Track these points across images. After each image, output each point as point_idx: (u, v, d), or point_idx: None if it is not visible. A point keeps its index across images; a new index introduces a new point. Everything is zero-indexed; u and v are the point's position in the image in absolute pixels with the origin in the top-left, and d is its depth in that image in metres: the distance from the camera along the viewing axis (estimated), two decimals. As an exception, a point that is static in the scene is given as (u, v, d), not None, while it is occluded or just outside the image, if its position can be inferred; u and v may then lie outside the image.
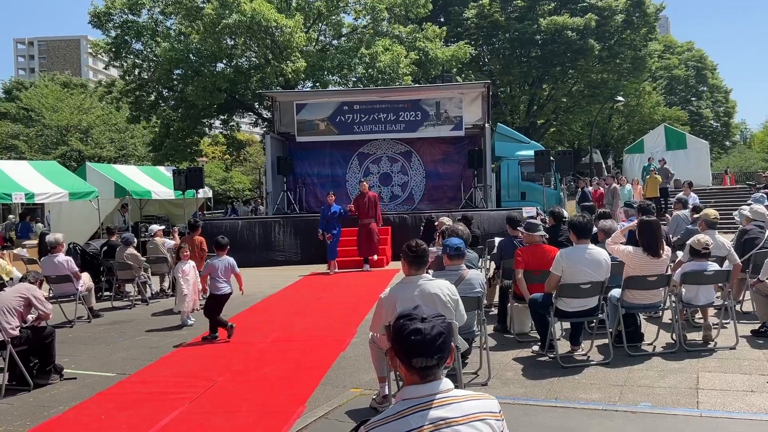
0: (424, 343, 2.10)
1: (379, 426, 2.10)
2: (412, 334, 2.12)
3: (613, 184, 19.72)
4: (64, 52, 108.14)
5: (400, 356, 2.16)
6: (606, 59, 37.20)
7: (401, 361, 2.16)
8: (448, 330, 2.17)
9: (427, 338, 2.10)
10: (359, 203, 14.75)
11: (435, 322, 2.15)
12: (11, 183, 15.34)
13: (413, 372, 2.14)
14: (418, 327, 2.13)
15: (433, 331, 2.12)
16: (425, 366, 2.12)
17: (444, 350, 2.14)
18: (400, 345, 2.14)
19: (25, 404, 6.01)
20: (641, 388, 5.55)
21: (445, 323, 2.18)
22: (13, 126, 43.49)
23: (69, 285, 9.94)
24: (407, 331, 2.13)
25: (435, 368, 2.14)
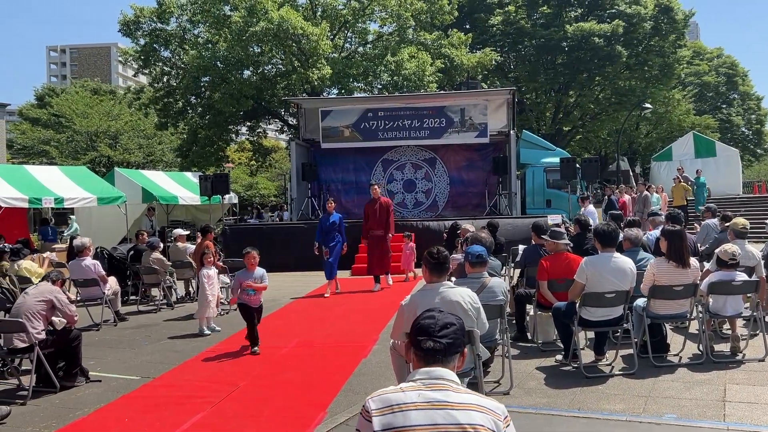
0: (434, 326, 2.33)
1: (379, 396, 2.27)
2: (425, 318, 2.38)
3: (644, 191, 19.46)
4: (95, 59, 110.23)
5: (413, 343, 2.36)
6: (634, 66, 36.85)
7: (413, 347, 2.36)
8: (460, 326, 2.37)
9: (438, 323, 2.34)
10: (369, 210, 12.75)
11: (449, 315, 2.40)
12: (41, 188, 15.63)
13: (420, 356, 2.33)
14: (432, 314, 2.40)
15: (444, 319, 2.37)
16: (432, 348, 2.30)
17: (452, 339, 2.32)
18: (414, 329, 2.38)
19: (51, 406, 6.10)
20: (666, 399, 5.46)
21: (460, 320, 2.39)
22: (45, 132, 44.38)
23: (96, 288, 10.08)
24: (422, 317, 2.40)
25: (441, 354, 2.30)
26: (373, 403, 2.22)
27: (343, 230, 12.37)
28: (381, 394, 2.25)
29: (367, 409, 2.22)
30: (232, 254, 13.45)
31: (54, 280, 7.07)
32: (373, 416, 2.18)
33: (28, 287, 7.21)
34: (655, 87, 38.08)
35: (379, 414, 2.18)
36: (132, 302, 12.04)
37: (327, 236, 12.16)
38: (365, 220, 12.67)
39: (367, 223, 12.64)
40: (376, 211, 12.61)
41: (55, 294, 6.78)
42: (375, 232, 12.55)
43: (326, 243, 12.13)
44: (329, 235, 12.16)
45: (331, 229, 12.20)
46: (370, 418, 2.19)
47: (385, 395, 2.24)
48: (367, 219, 12.66)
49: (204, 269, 9.46)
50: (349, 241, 12.89)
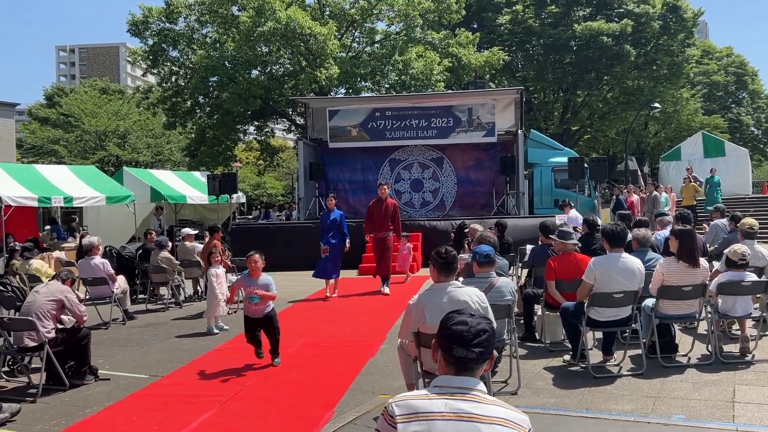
0: (467, 335, 2.20)
1: (404, 401, 2.19)
2: (457, 324, 2.23)
3: (654, 191, 19.37)
4: (104, 59, 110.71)
5: (442, 346, 2.26)
6: (642, 65, 36.71)
7: (442, 351, 2.25)
8: (492, 331, 2.25)
9: (471, 330, 2.21)
10: (375, 210, 12.17)
11: (481, 320, 2.26)
12: (51, 187, 15.72)
13: (450, 362, 2.23)
14: (465, 319, 2.25)
15: (478, 326, 2.23)
16: (464, 357, 2.20)
17: (485, 347, 2.22)
18: (445, 334, 2.25)
19: (60, 404, 6.14)
20: (675, 400, 5.44)
21: (491, 325, 2.27)
22: (54, 131, 44.61)
23: (105, 287, 10.13)
24: (453, 321, 2.26)
25: (473, 363, 2.21)
26: (398, 409, 2.15)
27: (345, 227, 11.82)
28: (405, 399, 2.19)
29: (390, 413, 2.16)
30: (238, 254, 13.48)
31: (64, 279, 7.12)
32: (398, 422, 2.12)
33: (38, 286, 7.24)
34: (663, 86, 37.92)
35: (405, 421, 2.12)
36: (140, 301, 12.09)
37: (327, 234, 11.66)
38: (368, 218, 12.19)
39: (369, 222, 12.11)
40: (381, 211, 12.07)
41: (66, 293, 6.82)
42: (378, 234, 12.02)
43: (326, 240, 11.61)
44: (329, 233, 11.66)
45: (332, 226, 11.68)
46: (394, 424, 2.13)
47: (410, 401, 2.17)
48: (370, 218, 12.14)
49: (212, 268, 9.50)
50: (356, 240, 12.60)
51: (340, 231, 11.68)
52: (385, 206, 12.08)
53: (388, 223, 12.05)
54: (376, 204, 12.19)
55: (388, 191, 12.48)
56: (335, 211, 11.87)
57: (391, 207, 12.16)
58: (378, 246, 12.09)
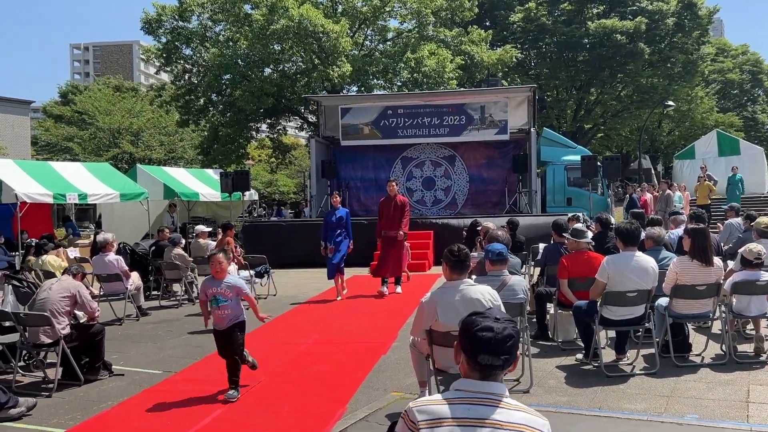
0: (494, 342, 2.14)
1: (425, 406, 2.16)
2: (483, 330, 2.16)
3: (667, 190, 19.24)
4: (117, 56, 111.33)
5: (466, 351, 2.20)
6: (656, 63, 36.44)
7: (466, 356, 2.20)
8: (518, 335, 2.20)
9: (497, 337, 2.15)
10: (384, 208, 11.76)
11: (507, 324, 2.19)
12: (66, 184, 15.84)
13: (475, 368, 2.18)
14: (490, 325, 2.17)
15: (504, 332, 2.16)
16: (490, 364, 2.15)
17: (511, 353, 2.17)
18: (470, 340, 2.18)
19: (75, 398, 6.20)
20: (688, 399, 5.41)
21: (516, 328, 2.21)
22: (68, 129, 44.96)
23: (119, 284, 10.20)
24: (479, 326, 2.18)
25: (498, 369, 2.17)
26: (420, 414, 2.13)
27: (350, 227, 11.43)
28: (427, 404, 2.17)
29: (412, 419, 2.14)
30: (251, 251, 13.55)
31: (75, 273, 7.15)
32: (421, 428, 2.10)
33: (49, 281, 7.29)
34: (678, 84, 37.64)
35: (427, 426, 2.10)
36: (154, 297, 12.18)
37: (332, 233, 11.20)
38: (380, 218, 11.88)
39: (381, 221, 11.80)
40: (391, 209, 11.63)
41: (79, 289, 6.88)
42: (388, 233, 11.59)
43: (331, 240, 11.16)
44: (334, 232, 11.20)
45: (337, 225, 11.23)
46: (416, 429, 2.11)
47: (432, 406, 2.15)
48: (381, 217, 11.80)
49: (224, 265, 9.52)
50: (370, 237, 12.41)
51: (345, 230, 11.30)
52: (394, 204, 11.68)
53: (398, 221, 11.62)
54: (386, 202, 11.85)
55: (397, 188, 12.08)
56: (341, 209, 11.55)
57: (400, 204, 11.73)
58: (387, 244, 11.62)
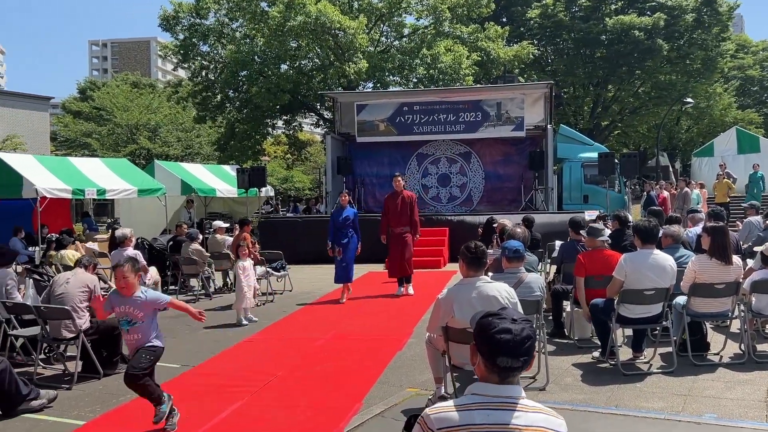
0: (513, 344, 2.11)
1: (443, 413, 2.13)
2: (501, 333, 2.12)
3: (685, 188, 19.06)
4: (135, 53, 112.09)
5: (483, 353, 2.16)
6: (675, 60, 36.07)
7: (484, 359, 2.16)
8: (535, 335, 2.18)
9: (516, 339, 2.11)
10: (390, 204, 11.27)
11: (525, 325, 2.15)
12: (85, 179, 16.00)
13: (493, 371, 2.15)
14: (508, 327, 2.13)
15: (522, 333, 2.12)
16: (509, 367, 2.12)
17: (530, 354, 2.14)
18: (488, 342, 2.14)
19: (95, 391, 6.28)
20: (706, 399, 5.38)
21: (533, 329, 2.17)
22: (87, 125, 45.38)
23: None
24: (496, 328, 2.13)
25: (517, 371, 2.15)
26: (437, 422, 2.11)
27: (358, 226, 11.03)
28: (445, 411, 2.14)
29: (430, 426, 2.12)
30: (267, 246, 13.63)
31: (86, 265, 7.16)
32: None
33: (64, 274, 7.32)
34: (697, 81, 37.24)
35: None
36: (171, 292, 12.27)
37: (339, 233, 10.76)
38: (384, 214, 11.34)
39: (386, 218, 11.27)
40: (398, 205, 11.15)
41: (95, 283, 6.90)
42: (395, 230, 11.14)
43: (338, 241, 10.73)
44: (342, 232, 10.77)
45: (344, 225, 10.78)
46: None
47: (450, 413, 2.12)
48: (387, 214, 11.27)
49: (239, 261, 9.61)
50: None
51: (353, 231, 10.89)
52: (401, 199, 11.21)
53: (406, 217, 11.21)
54: (392, 197, 11.36)
55: (403, 183, 11.61)
56: (348, 208, 11.05)
57: (407, 200, 11.26)
58: (395, 243, 11.17)
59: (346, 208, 10.98)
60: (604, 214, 11.88)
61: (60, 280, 6.96)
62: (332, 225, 10.88)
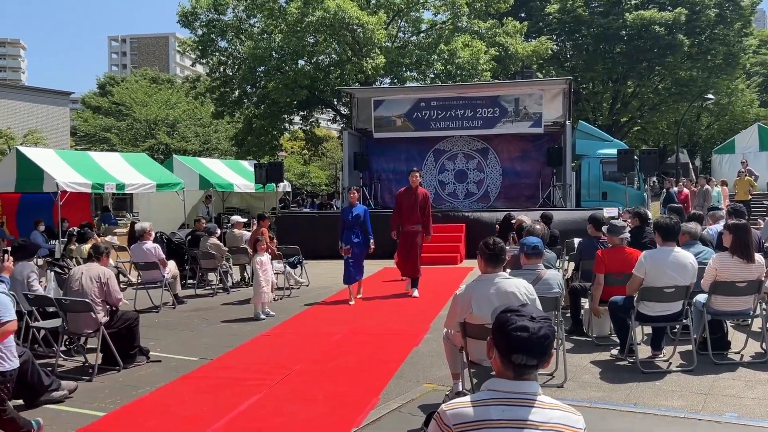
0: (530, 342, 2.10)
1: (459, 408, 2.13)
2: (519, 330, 2.11)
3: (705, 185, 18.84)
4: (154, 48, 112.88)
5: (500, 349, 2.16)
6: (696, 55, 35.64)
7: (500, 354, 2.16)
8: (553, 335, 2.16)
9: (533, 337, 2.10)
10: (403, 200, 10.76)
11: (543, 323, 2.14)
12: (104, 173, 16.15)
13: (509, 367, 2.15)
14: (526, 324, 2.12)
15: (540, 332, 2.11)
16: (525, 364, 2.12)
17: (546, 353, 2.14)
18: (504, 339, 2.14)
19: (115, 383, 6.35)
20: (727, 398, 5.33)
21: (551, 327, 2.16)
22: (106, 120, 45.82)
23: (156, 272, 10.38)
24: (514, 325, 2.13)
25: (533, 369, 2.14)
26: (453, 417, 2.11)
27: (369, 225, 10.49)
28: (461, 406, 2.14)
29: (446, 422, 2.12)
30: (284, 241, 13.68)
31: (99, 255, 7.10)
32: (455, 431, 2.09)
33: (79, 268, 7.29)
34: (718, 77, 36.78)
35: (461, 430, 2.09)
36: (189, 286, 12.36)
37: (349, 231, 10.33)
38: (396, 210, 10.87)
39: (398, 214, 10.77)
40: (411, 202, 10.67)
41: (109, 277, 6.89)
42: (407, 227, 10.67)
43: (348, 240, 10.30)
44: (352, 231, 10.33)
45: (354, 223, 10.33)
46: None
47: (467, 409, 2.12)
48: (399, 210, 10.75)
49: (257, 256, 9.64)
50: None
51: (363, 229, 10.39)
52: (415, 196, 10.73)
53: (418, 214, 10.69)
54: (405, 193, 10.85)
55: (420, 179, 11.16)
56: (359, 206, 10.59)
57: (421, 197, 10.77)
58: (406, 241, 10.73)
59: (356, 205, 10.53)
60: (624, 210, 11.77)
61: (75, 275, 6.94)
62: (342, 223, 10.48)
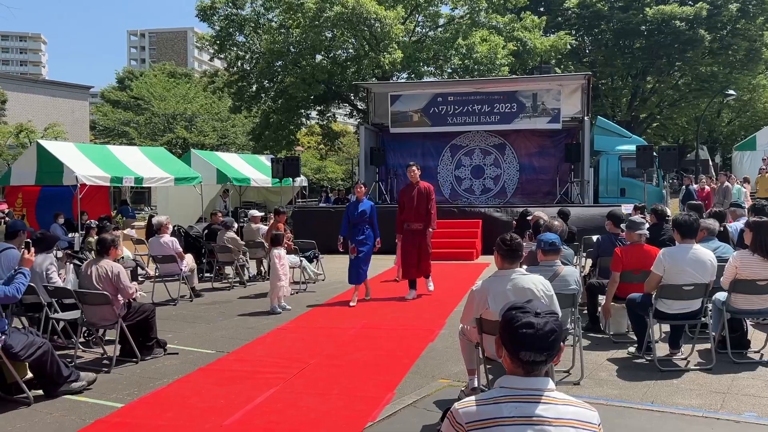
0: (536, 338, 2.11)
1: (471, 407, 2.14)
2: (524, 327, 2.12)
3: (725, 182, 18.61)
4: (172, 43, 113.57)
5: (507, 346, 2.17)
6: (717, 50, 35.16)
7: (508, 352, 2.17)
8: (560, 329, 2.16)
9: (539, 333, 2.11)
10: (405, 198, 10.24)
11: (548, 318, 2.14)
12: (123, 167, 16.29)
13: (518, 364, 2.15)
14: (531, 321, 2.13)
15: (545, 327, 2.12)
16: (532, 360, 2.12)
17: (554, 348, 2.14)
18: (510, 336, 2.15)
19: (132, 375, 6.41)
20: (746, 397, 5.27)
21: (558, 322, 2.16)
22: (125, 114, 46.20)
23: (174, 265, 10.47)
24: (519, 323, 2.14)
25: (542, 364, 2.14)
26: (466, 416, 2.12)
27: (376, 222, 9.96)
28: (473, 404, 2.14)
29: (459, 420, 2.13)
30: (300, 236, 13.71)
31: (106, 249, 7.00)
32: (468, 429, 2.09)
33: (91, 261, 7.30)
34: (739, 73, 36.28)
35: (474, 428, 2.09)
36: (207, 279, 12.45)
37: (355, 229, 9.76)
38: (399, 210, 10.37)
39: (401, 213, 10.25)
40: (413, 199, 10.05)
41: (119, 272, 6.89)
42: (411, 226, 10.09)
43: (353, 238, 9.76)
44: (357, 228, 9.75)
45: (360, 219, 9.74)
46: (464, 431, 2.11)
47: (479, 407, 2.12)
48: (402, 209, 10.25)
49: (275, 250, 9.68)
50: None
51: (370, 227, 9.87)
52: (417, 192, 10.07)
53: (423, 212, 10.04)
54: (407, 191, 10.26)
55: (418, 173, 10.37)
56: (365, 201, 9.98)
57: (424, 192, 10.09)
58: (410, 241, 10.12)
59: (363, 200, 9.93)
60: (642, 205, 11.65)
61: (85, 272, 6.90)
62: (346, 219, 9.88)
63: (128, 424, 5.12)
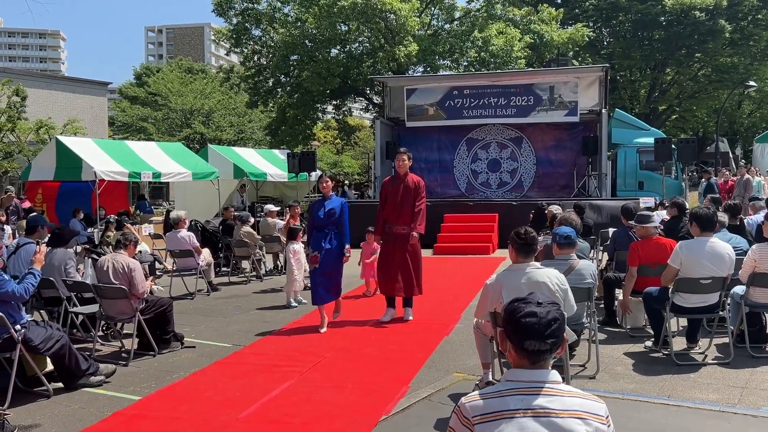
0: (539, 327, 2.13)
1: (477, 401, 2.15)
2: (527, 317, 2.15)
3: (746, 174, 18.36)
4: (189, 38, 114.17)
5: (511, 338, 2.19)
6: (737, 41, 34.68)
7: (512, 344, 2.19)
8: (563, 317, 2.18)
9: (542, 322, 2.13)
10: (389, 191, 8.08)
11: (550, 308, 2.18)
12: (141, 162, 16.41)
13: (523, 355, 2.17)
14: (533, 310, 2.16)
15: (548, 315, 2.15)
16: (537, 350, 2.14)
17: (557, 336, 2.16)
18: (513, 327, 2.17)
19: (150, 368, 6.48)
20: (764, 391, 5.21)
21: (560, 311, 2.19)
22: (143, 109, 46.53)
23: (191, 259, 10.55)
24: (521, 313, 2.17)
25: (546, 354, 2.16)
26: (472, 410, 2.13)
27: (347, 223, 7.80)
28: (480, 398, 2.15)
29: (465, 414, 2.13)
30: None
31: (126, 244, 7.11)
32: (475, 423, 2.10)
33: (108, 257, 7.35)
34: (760, 63, 35.76)
35: (482, 421, 2.10)
36: (223, 274, 12.54)
37: (320, 233, 7.62)
38: (381, 205, 8.25)
39: (382, 210, 8.15)
40: (398, 193, 7.95)
41: (134, 268, 6.92)
42: (392, 228, 7.99)
43: (316, 243, 7.58)
44: (323, 232, 7.62)
45: (327, 222, 7.62)
46: (471, 426, 2.11)
47: (485, 400, 2.13)
48: (384, 204, 8.12)
49: (290, 244, 9.71)
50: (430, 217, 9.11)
51: (338, 230, 7.71)
52: (403, 186, 7.98)
53: (408, 211, 7.94)
54: (392, 182, 8.16)
55: (408, 163, 8.17)
56: (333, 198, 7.88)
57: (412, 186, 8.00)
58: (392, 246, 8.01)
59: (330, 197, 7.82)
60: (662, 201, 11.54)
61: (102, 265, 6.94)
62: (310, 221, 7.87)
63: (145, 417, 5.18)
